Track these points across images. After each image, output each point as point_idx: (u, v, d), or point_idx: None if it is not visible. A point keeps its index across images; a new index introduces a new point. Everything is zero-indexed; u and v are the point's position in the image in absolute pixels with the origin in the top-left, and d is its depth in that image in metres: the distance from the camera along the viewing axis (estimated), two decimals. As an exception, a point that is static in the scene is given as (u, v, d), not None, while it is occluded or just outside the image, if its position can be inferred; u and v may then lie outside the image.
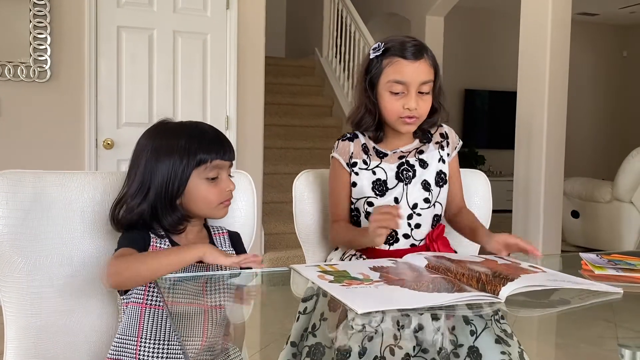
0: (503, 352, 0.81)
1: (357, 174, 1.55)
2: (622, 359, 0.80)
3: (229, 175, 1.31)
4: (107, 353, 1.23)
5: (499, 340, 0.85)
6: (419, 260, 1.29)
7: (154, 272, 1.14)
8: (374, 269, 1.22)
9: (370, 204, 1.53)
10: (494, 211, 1.77)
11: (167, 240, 1.26)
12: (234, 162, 1.34)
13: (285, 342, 0.89)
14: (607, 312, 1.06)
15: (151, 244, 1.24)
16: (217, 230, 1.37)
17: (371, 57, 1.47)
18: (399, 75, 1.43)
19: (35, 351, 1.27)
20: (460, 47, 7.59)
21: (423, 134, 1.58)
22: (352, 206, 1.58)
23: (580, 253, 1.41)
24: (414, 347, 0.84)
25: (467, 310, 0.99)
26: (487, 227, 1.70)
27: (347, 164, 1.56)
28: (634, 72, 8.35)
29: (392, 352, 0.81)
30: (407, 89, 1.44)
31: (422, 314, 0.96)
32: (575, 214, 5.11)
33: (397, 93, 1.45)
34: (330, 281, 1.11)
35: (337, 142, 1.60)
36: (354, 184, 1.55)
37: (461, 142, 1.64)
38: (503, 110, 7.42)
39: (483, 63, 7.93)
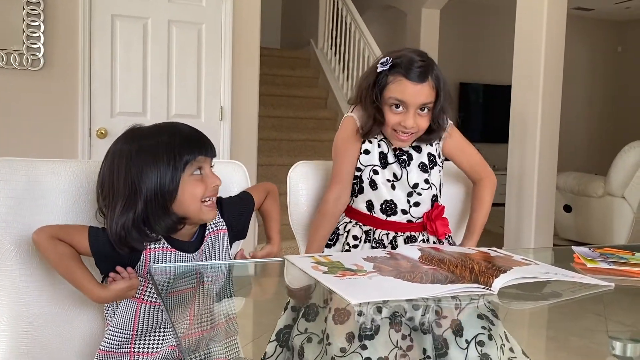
0: (484, 327, 0.83)
1: (370, 142, 1.58)
2: (613, 351, 0.81)
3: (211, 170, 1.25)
4: (100, 345, 1.23)
5: (481, 316, 0.86)
6: (413, 251, 1.29)
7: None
8: (368, 259, 1.23)
9: (376, 172, 1.57)
10: (487, 204, 1.78)
11: (164, 242, 1.21)
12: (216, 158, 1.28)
13: (283, 310, 0.92)
14: (597, 306, 1.07)
15: (145, 249, 1.19)
16: (212, 229, 1.30)
17: (378, 70, 1.50)
18: (399, 95, 1.48)
19: (27, 340, 1.27)
20: (455, 40, 7.58)
21: (420, 140, 1.60)
22: (358, 174, 1.59)
23: (572, 246, 1.42)
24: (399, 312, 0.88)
25: (459, 301, 1.00)
26: (492, 176, 1.71)
27: (361, 126, 1.58)
28: (628, 68, 8.37)
29: (379, 310, 0.86)
30: (406, 107, 1.49)
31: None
32: (567, 209, 5.13)
33: (398, 107, 1.49)
34: (324, 272, 1.12)
35: (351, 106, 1.62)
36: (367, 152, 1.58)
37: (450, 122, 1.61)
38: (498, 104, 7.43)
39: (478, 56, 7.93)
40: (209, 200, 1.22)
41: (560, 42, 4.01)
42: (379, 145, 1.58)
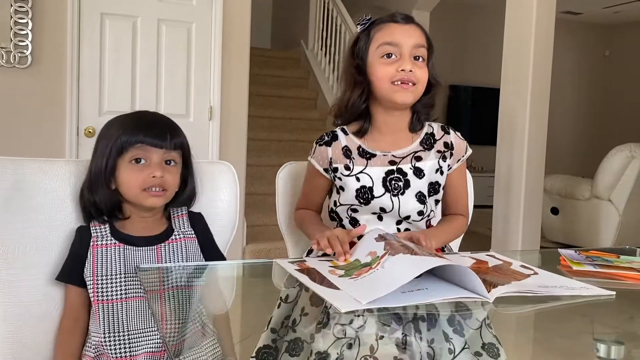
0: None
1: (340, 179, 1.44)
2: (598, 353, 0.82)
3: (168, 163, 1.23)
4: (84, 350, 1.23)
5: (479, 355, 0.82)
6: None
7: None
8: (379, 238, 1.21)
9: (355, 210, 1.43)
10: (475, 206, 1.79)
11: (107, 226, 1.23)
12: (183, 155, 1.28)
13: (266, 326, 0.90)
14: (583, 308, 1.08)
15: (92, 234, 1.22)
16: (177, 212, 1.31)
17: (359, 30, 1.40)
18: (389, 37, 1.34)
19: (15, 339, 1.25)
20: (445, 43, 7.60)
21: (419, 120, 1.44)
22: (334, 207, 1.49)
23: (558, 249, 1.43)
24: (395, 357, 0.82)
25: (453, 311, 1.00)
26: (468, 221, 1.70)
27: (327, 169, 1.48)
28: (616, 72, 8.45)
29: None
30: (399, 52, 1.34)
31: (405, 324, 0.95)
32: (554, 211, 5.17)
33: (390, 57, 1.34)
34: (340, 276, 1.11)
35: (314, 144, 1.51)
36: (342, 188, 1.44)
37: (470, 152, 1.50)
38: (486, 107, 7.47)
39: (467, 59, 7.97)
40: (151, 189, 1.21)
41: (548, 46, 4.04)
42: (358, 179, 1.40)
